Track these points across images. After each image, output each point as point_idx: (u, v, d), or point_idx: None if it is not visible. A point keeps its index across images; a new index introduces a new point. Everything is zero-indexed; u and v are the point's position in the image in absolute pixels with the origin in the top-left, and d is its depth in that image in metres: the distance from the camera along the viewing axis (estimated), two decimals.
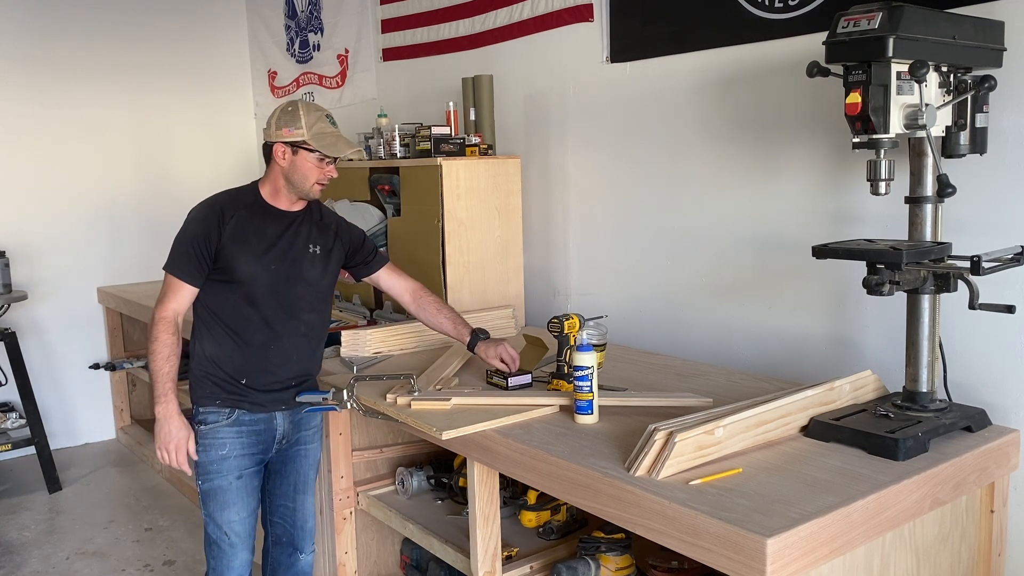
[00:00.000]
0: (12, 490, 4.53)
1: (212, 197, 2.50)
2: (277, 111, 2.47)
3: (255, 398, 2.47)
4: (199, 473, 2.48)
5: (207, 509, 2.48)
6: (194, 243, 2.39)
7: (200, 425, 2.46)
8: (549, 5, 3.36)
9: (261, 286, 2.43)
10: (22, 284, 4.86)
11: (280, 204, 2.49)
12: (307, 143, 2.40)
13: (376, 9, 4.40)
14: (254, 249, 2.43)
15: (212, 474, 2.46)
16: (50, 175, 5.03)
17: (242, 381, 2.46)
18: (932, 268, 2.00)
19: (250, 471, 2.50)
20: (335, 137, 2.44)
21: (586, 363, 2.16)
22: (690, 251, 2.97)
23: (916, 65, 1.85)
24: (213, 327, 2.45)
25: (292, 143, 2.41)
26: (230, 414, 2.46)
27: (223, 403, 2.45)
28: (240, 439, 2.47)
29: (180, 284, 2.41)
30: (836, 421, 2.01)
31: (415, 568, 3.05)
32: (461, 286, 3.28)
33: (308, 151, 2.41)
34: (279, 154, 2.43)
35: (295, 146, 2.41)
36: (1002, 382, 2.20)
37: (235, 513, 2.47)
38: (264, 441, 2.52)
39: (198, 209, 2.46)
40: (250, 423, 2.48)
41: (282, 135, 2.42)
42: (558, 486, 1.99)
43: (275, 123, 2.44)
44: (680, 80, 2.93)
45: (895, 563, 1.85)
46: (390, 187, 3.51)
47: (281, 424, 2.54)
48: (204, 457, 2.46)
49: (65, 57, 5.02)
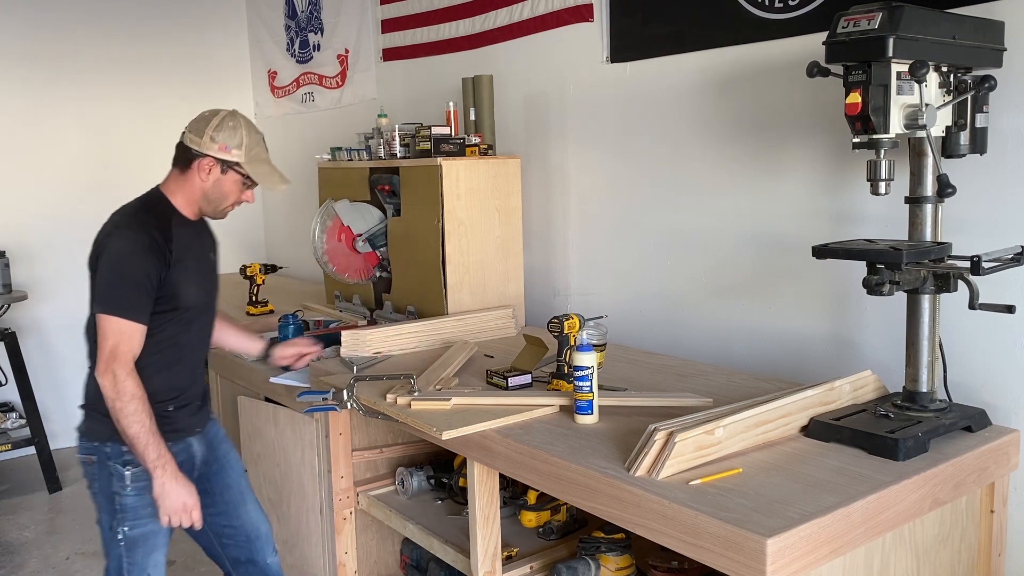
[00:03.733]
0: (12, 490, 4.53)
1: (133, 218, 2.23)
2: (214, 120, 2.26)
3: (178, 423, 2.33)
4: (126, 518, 2.24)
5: (132, 556, 2.26)
6: (146, 279, 2.16)
7: (128, 467, 2.23)
8: (549, 5, 3.36)
9: (199, 307, 2.33)
10: (22, 284, 4.85)
11: (188, 214, 2.33)
12: (241, 166, 2.26)
13: (376, 9, 4.40)
14: (191, 270, 2.28)
15: (144, 519, 2.25)
16: (50, 175, 5.03)
17: (170, 408, 2.31)
18: (932, 268, 2.00)
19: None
20: (271, 167, 2.32)
21: (586, 363, 2.16)
22: (690, 251, 2.97)
23: (916, 65, 1.85)
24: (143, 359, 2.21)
25: (225, 161, 2.25)
26: None
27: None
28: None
29: (134, 327, 2.16)
30: (836, 421, 2.01)
31: (415, 568, 3.05)
32: (461, 286, 3.28)
33: (238, 173, 2.27)
34: (204, 168, 2.25)
35: (227, 165, 2.26)
36: (1002, 382, 2.20)
37: (161, 555, 2.32)
38: (187, 472, 2.32)
39: (131, 237, 2.18)
40: (175, 455, 2.26)
41: (215, 149, 2.24)
42: (558, 486, 1.99)
43: (210, 133, 2.24)
44: (680, 80, 2.93)
45: (895, 563, 1.85)
46: (390, 187, 3.51)
47: (198, 450, 2.41)
48: (137, 501, 2.24)
49: (65, 57, 5.03)
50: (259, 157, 2.30)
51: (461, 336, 3.12)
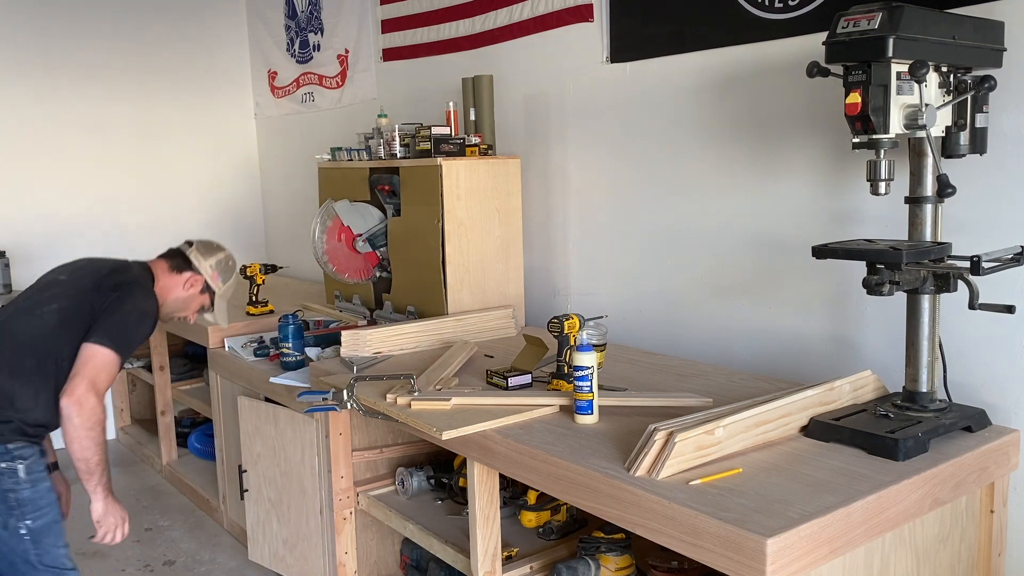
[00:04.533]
0: None
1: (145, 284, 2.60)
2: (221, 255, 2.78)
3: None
4: (26, 512, 2.34)
5: (40, 547, 2.37)
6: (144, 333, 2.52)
7: (20, 462, 2.34)
8: (549, 5, 3.36)
9: None
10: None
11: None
12: (214, 299, 2.78)
13: (376, 9, 4.40)
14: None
15: (45, 507, 2.39)
16: (50, 175, 5.03)
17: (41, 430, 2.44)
18: (932, 268, 2.00)
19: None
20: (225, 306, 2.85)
21: (586, 363, 2.16)
22: (690, 251, 2.97)
23: (916, 65, 1.85)
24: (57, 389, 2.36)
25: (208, 288, 2.74)
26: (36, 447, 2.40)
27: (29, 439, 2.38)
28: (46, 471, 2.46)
29: (119, 368, 2.44)
30: (836, 421, 2.01)
31: (415, 568, 3.05)
32: (461, 286, 3.28)
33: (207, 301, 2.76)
34: (190, 283, 2.71)
35: (206, 291, 2.74)
36: (1002, 382, 2.20)
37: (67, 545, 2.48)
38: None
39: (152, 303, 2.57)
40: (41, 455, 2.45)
41: (209, 275, 2.73)
42: (558, 486, 1.99)
43: (212, 263, 2.74)
44: (680, 80, 2.93)
45: (895, 563, 1.85)
46: (390, 187, 3.51)
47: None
48: (34, 492, 2.36)
49: (65, 57, 5.02)
50: (225, 297, 2.83)
51: (461, 336, 3.12)
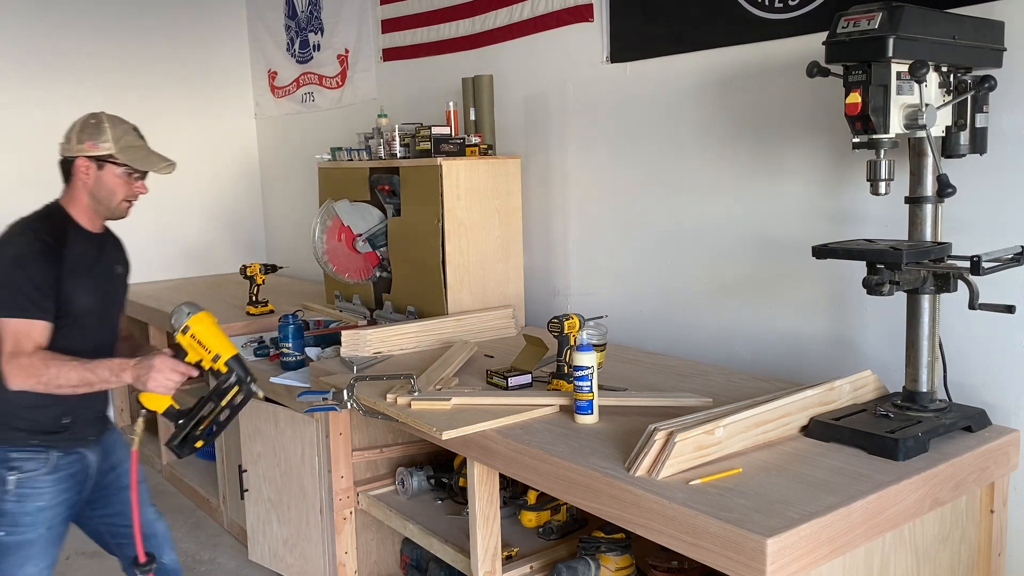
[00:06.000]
0: None
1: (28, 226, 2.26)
2: (78, 124, 2.32)
3: (74, 433, 2.31)
4: (3, 523, 2.21)
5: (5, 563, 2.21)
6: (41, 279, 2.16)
7: (13, 473, 2.20)
8: (549, 5, 3.36)
9: (92, 317, 2.31)
10: None
11: (88, 225, 2.34)
12: (114, 157, 2.27)
13: (376, 9, 4.40)
14: (85, 279, 2.27)
15: (22, 527, 2.21)
16: (50, 175, 5.01)
17: (65, 420, 2.28)
18: (932, 268, 2.00)
19: (61, 518, 2.31)
20: (145, 151, 2.32)
21: (586, 363, 2.16)
22: (690, 251, 2.97)
23: (916, 65, 1.85)
24: None
25: (97, 157, 2.28)
26: (46, 459, 2.24)
27: (40, 442, 2.24)
28: (58, 487, 2.28)
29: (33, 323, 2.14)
30: (836, 421, 2.01)
31: (415, 568, 3.05)
32: (461, 286, 3.28)
33: (115, 165, 2.28)
34: (82, 170, 2.28)
35: (100, 160, 2.28)
36: (1002, 382, 2.20)
37: (34, 566, 2.25)
38: (79, 483, 2.34)
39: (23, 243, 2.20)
40: (66, 466, 2.28)
41: (85, 149, 2.28)
42: (558, 486, 1.99)
43: (76, 136, 2.29)
44: (680, 80, 2.93)
45: (895, 563, 1.85)
46: (390, 187, 3.51)
47: (92, 460, 2.38)
48: (18, 508, 2.21)
49: (65, 57, 5.02)
50: (131, 144, 2.31)
51: (461, 336, 3.12)
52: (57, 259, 2.21)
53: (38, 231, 2.24)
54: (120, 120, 2.35)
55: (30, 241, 2.21)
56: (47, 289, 2.18)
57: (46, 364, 2.11)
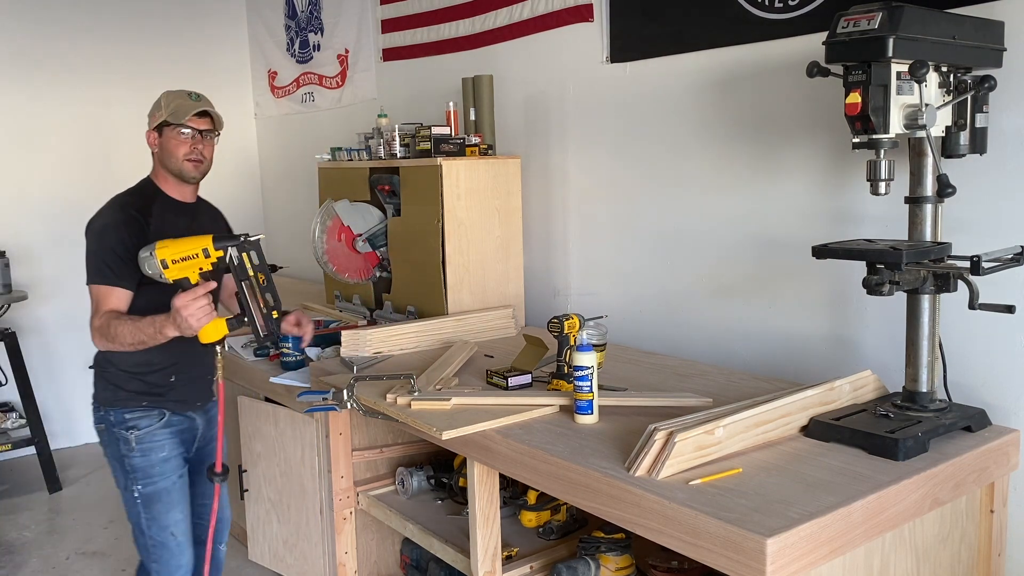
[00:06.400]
0: (12, 490, 4.53)
1: (114, 203, 2.47)
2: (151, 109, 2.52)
3: (181, 394, 2.51)
4: (138, 478, 2.45)
5: (150, 513, 2.46)
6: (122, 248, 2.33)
7: (132, 431, 2.44)
8: (549, 5, 3.36)
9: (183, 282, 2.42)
10: (22, 284, 4.86)
11: (176, 195, 2.53)
12: (166, 120, 2.45)
13: (376, 9, 4.40)
14: None
15: (155, 477, 2.46)
16: (50, 175, 5.03)
17: (171, 379, 2.48)
18: (932, 268, 2.00)
19: (184, 470, 2.54)
20: (189, 105, 2.46)
21: (586, 363, 2.16)
22: (690, 251, 2.97)
23: (916, 65, 1.85)
24: None
25: (156, 126, 2.48)
26: (160, 415, 2.47)
27: (150, 403, 2.46)
28: (173, 440, 2.50)
29: (111, 290, 2.35)
30: (836, 421, 2.01)
31: (415, 568, 3.05)
32: (461, 286, 3.28)
33: (168, 126, 2.45)
34: (150, 141, 2.50)
35: (160, 127, 2.47)
36: (1002, 382, 2.20)
37: (180, 512, 2.50)
38: (187, 442, 2.57)
39: (107, 214, 2.42)
40: (177, 423, 2.51)
41: (150, 123, 2.50)
42: (558, 486, 1.99)
43: (148, 117, 2.51)
44: (680, 80, 2.93)
45: (895, 563, 1.85)
46: (390, 187, 3.51)
47: (200, 424, 2.60)
48: (144, 461, 2.45)
49: (65, 57, 5.02)
50: (180, 105, 2.46)
51: (461, 336, 3.12)
52: (140, 230, 2.38)
53: (125, 204, 2.44)
54: (180, 91, 2.51)
55: (115, 212, 2.42)
56: (129, 259, 2.33)
57: (109, 324, 2.30)
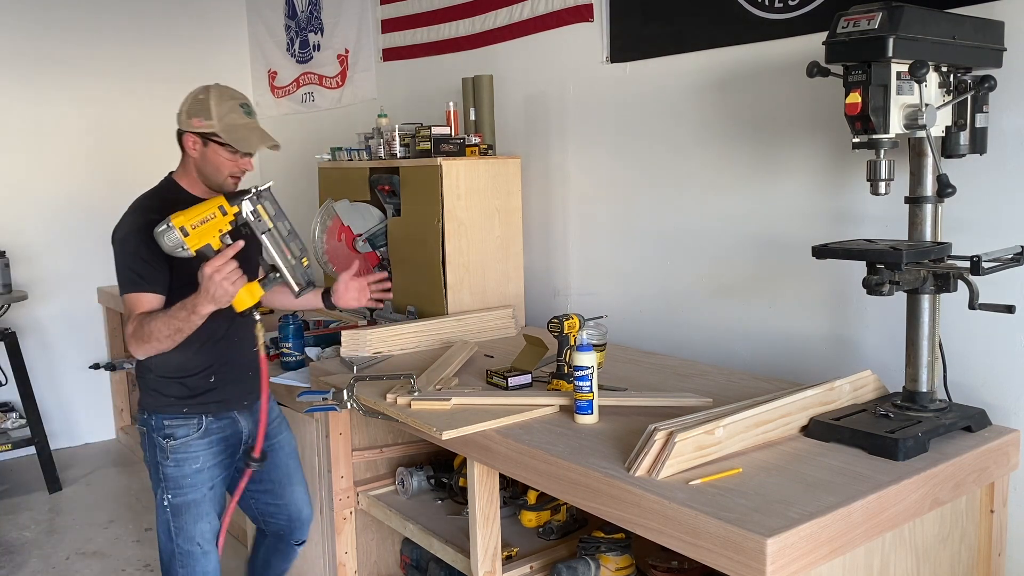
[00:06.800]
0: (12, 490, 4.53)
1: (138, 205, 2.35)
2: (189, 98, 2.35)
3: (222, 394, 2.45)
4: (168, 487, 2.40)
5: (178, 523, 2.41)
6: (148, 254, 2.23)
7: (169, 440, 2.39)
8: (549, 5, 3.36)
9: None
10: (22, 284, 4.86)
11: (202, 195, 2.39)
12: (217, 136, 2.30)
13: (376, 9, 4.40)
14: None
15: (185, 488, 2.40)
16: (50, 175, 5.03)
17: (211, 379, 2.43)
18: (932, 268, 2.00)
19: (220, 479, 2.48)
20: (248, 130, 2.33)
21: (586, 363, 2.16)
22: (690, 251, 2.97)
23: (916, 65, 1.85)
24: None
25: (202, 134, 2.31)
26: (198, 425, 2.40)
27: (191, 409, 2.39)
28: (211, 450, 2.44)
29: (142, 296, 2.26)
30: (836, 421, 2.01)
31: (415, 568, 3.05)
32: (461, 286, 3.28)
33: (218, 144, 2.31)
34: (189, 145, 2.35)
35: (205, 138, 2.31)
36: (1002, 382, 2.20)
37: (207, 523, 2.44)
38: (231, 446, 2.50)
39: (130, 222, 2.30)
40: (217, 430, 2.44)
41: (192, 125, 2.31)
42: (558, 486, 1.99)
43: (186, 111, 2.33)
44: (680, 80, 2.93)
45: (895, 563, 1.85)
46: (390, 187, 3.51)
47: (244, 427, 2.52)
48: (177, 471, 2.39)
49: (65, 57, 5.02)
50: (235, 123, 2.31)
51: (461, 336, 3.12)
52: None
53: (147, 208, 2.31)
54: (228, 95, 2.35)
55: (136, 218, 2.30)
56: (155, 262, 2.25)
57: (142, 325, 2.22)
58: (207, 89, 2.35)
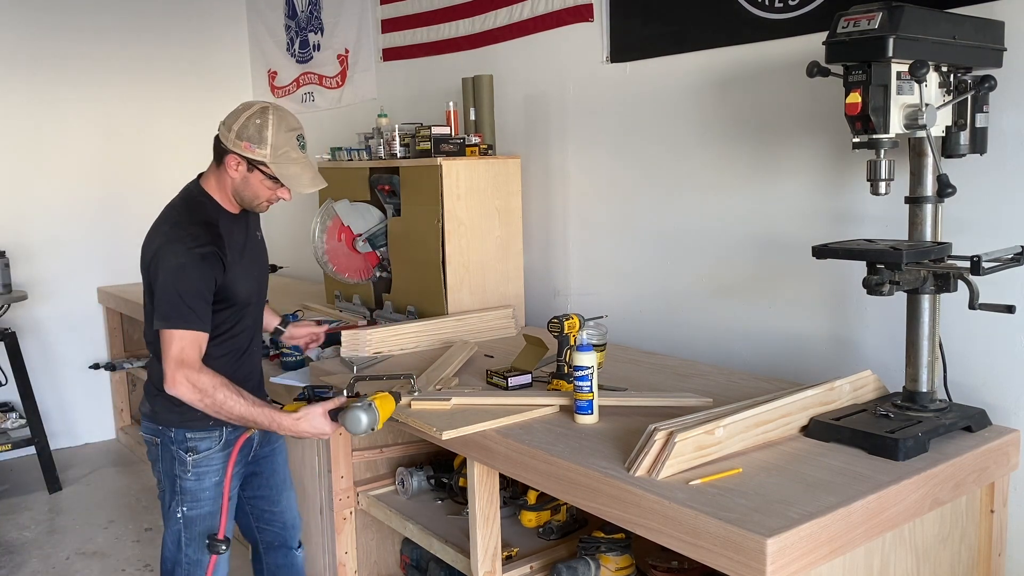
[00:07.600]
0: (12, 490, 4.53)
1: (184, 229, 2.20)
2: (243, 116, 2.21)
3: None
4: (185, 500, 2.34)
5: (190, 534, 2.35)
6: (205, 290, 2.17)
7: (191, 453, 2.32)
8: (549, 5, 3.36)
9: (252, 296, 2.40)
10: (22, 284, 4.86)
11: (230, 208, 2.34)
12: (267, 167, 2.20)
13: (376, 9, 4.40)
14: (241, 266, 2.30)
15: (203, 501, 2.36)
16: (50, 175, 5.03)
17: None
18: (932, 268, 2.00)
19: (235, 490, 2.46)
20: (300, 167, 2.24)
21: (586, 363, 2.16)
22: (690, 251, 2.97)
23: (916, 65, 1.85)
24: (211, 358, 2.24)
25: (250, 160, 2.20)
26: (219, 436, 2.34)
27: (216, 422, 2.29)
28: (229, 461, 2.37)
29: (196, 335, 2.16)
30: (836, 421, 2.01)
31: (415, 568, 3.05)
32: (461, 286, 3.28)
33: (264, 174, 2.22)
34: (232, 165, 2.22)
35: (252, 164, 2.21)
36: (1002, 382, 2.20)
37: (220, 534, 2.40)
38: (244, 455, 2.46)
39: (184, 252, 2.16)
40: (236, 440, 2.37)
41: (241, 148, 2.19)
42: (558, 486, 1.99)
43: (236, 131, 2.20)
44: (680, 80, 2.93)
45: (895, 563, 1.85)
46: (390, 187, 3.51)
47: (255, 435, 2.47)
48: (196, 485, 2.34)
49: (65, 57, 5.02)
50: (288, 157, 2.21)
51: (461, 336, 3.12)
52: (218, 261, 2.19)
53: (196, 236, 2.19)
54: (286, 125, 2.22)
55: (189, 248, 2.17)
56: (207, 297, 2.18)
57: (215, 388, 2.15)
58: (265, 112, 2.20)
